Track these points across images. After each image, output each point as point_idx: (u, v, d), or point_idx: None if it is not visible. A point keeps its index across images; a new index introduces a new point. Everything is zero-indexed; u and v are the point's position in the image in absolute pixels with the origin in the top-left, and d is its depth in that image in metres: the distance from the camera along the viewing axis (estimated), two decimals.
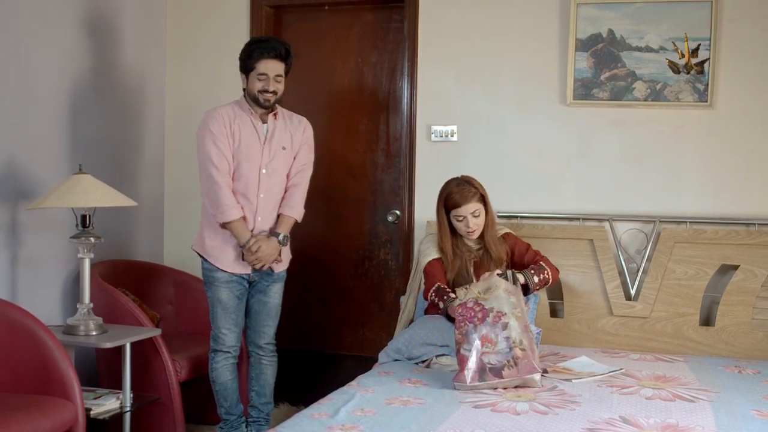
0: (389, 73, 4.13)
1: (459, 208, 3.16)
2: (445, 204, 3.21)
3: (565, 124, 3.77)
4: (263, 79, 3.17)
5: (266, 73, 3.17)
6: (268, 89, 3.17)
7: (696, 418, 2.39)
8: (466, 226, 3.19)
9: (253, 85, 3.18)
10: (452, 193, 3.18)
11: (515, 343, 2.66)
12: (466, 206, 3.16)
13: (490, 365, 2.64)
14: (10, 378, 2.88)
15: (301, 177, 3.34)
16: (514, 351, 2.65)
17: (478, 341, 2.69)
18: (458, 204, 3.16)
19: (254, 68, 3.17)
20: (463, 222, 3.19)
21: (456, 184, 3.20)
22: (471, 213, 3.17)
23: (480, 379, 2.64)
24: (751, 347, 3.39)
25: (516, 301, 2.76)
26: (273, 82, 3.18)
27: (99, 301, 3.44)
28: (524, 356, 2.65)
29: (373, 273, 4.19)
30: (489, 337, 2.69)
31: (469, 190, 3.17)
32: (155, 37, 4.27)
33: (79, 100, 3.70)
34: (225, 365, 3.30)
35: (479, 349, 2.68)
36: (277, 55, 3.18)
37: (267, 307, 3.34)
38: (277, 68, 3.18)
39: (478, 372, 2.65)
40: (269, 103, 3.21)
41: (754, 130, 3.58)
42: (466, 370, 2.65)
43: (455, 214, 3.19)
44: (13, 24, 3.32)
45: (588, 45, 3.70)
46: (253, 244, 3.16)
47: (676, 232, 3.57)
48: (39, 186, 3.44)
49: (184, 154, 4.28)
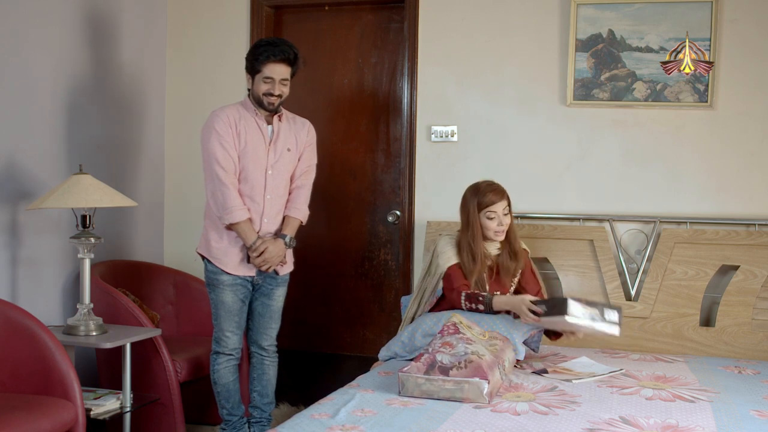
0: (389, 74, 4.13)
1: (494, 204, 3.14)
2: (478, 202, 3.16)
3: (566, 125, 3.77)
4: (269, 82, 3.15)
5: (272, 77, 3.15)
6: (274, 93, 3.16)
7: (696, 418, 2.39)
8: (498, 224, 3.15)
9: (259, 87, 3.17)
10: (486, 191, 3.16)
11: (474, 353, 2.61)
12: (500, 203, 3.15)
13: (440, 364, 2.59)
14: (11, 378, 2.88)
15: (305, 179, 3.35)
16: (470, 356, 2.59)
17: (439, 342, 2.69)
18: (494, 201, 3.14)
19: (261, 71, 3.15)
20: (494, 220, 3.14)
21: (487, 184, 3.19)
22: (502, 210, 3.16)
23: (425, 372, 2.58)
24: (752, 348, 3.39)
25: (500, 346, 2.78)
26: (279, 86, 3.17)
27: (99, 301, 3.44)
28: (478, 362, 2.57)
29: (373, 273, 4.19)
30: (451, 342, 2.69)
31: (500, 188, 3.18)
32: (155, 37, 4.27)
33: (79, 100, 3.70)
34: (227, 367, 3.30)
35: (437, 348, 2.66)
36: (286, 59, 3.16)
37: (270, 310, 3.34)
38: (283, 72, 3.17)
39: (426, 366, 2.60)
40: (273, 107, 3.20)
41: (755, 131, 3.58)
42: (416, 363, 2.62)
43: (489, 210, 3.14)
44: (13, 24, 3.32)
45: (588, 45, 3.70)
46: (260, 245, 3.16)
47: (676, 232, 3.57)
48: (39, 186, 3.44)
49: (184, 154, 4.29)
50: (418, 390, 2.59)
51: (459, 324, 2.81)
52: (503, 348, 2.79)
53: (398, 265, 4.07)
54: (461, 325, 2.81)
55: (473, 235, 3.16)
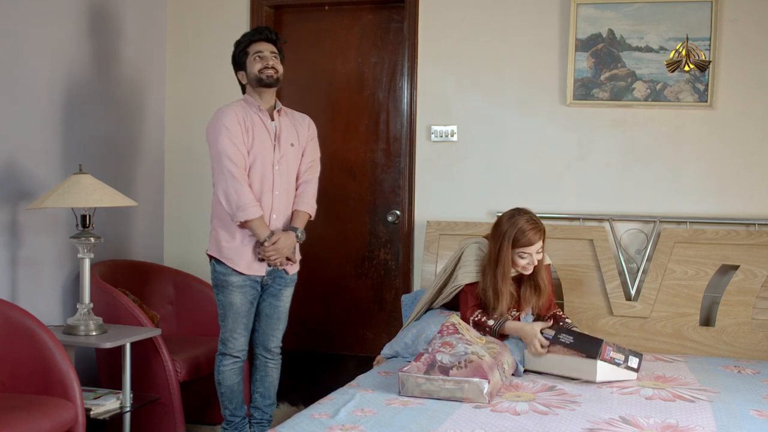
0: (389, 73, 4.13)
1: (531, 246, 2.97)
2: (514, 239, 2.97)
3: (565, 124, 3.77)
4: (260, 58, 3.20)
5: (261, 50, 3.20)
6: (268, 65, 3.20)
7: (696, 418, 2.39)
8: (529, 264, 3.01)
9: (253, 67, 3.20)
10: (525, 231, 2.96)
11: (474, 354, 2.61)
12: (537, 244, 2.99)
13: (440, 363, 2.59)
14: (10, 378, 2.88)
15: (311, 174, 3.36)
16: (469, 356, 2.59)
17: (438, 342, 2.69)
18: (531, 243, 2.97)
19: (248, 52, 3.21)
20: (526, 259, 3.00)
21: (527, 221, 2.99)
22: (537, 250, 3.00)
23: (426, 372, 2.58)
24: (751, 347, 3.39)
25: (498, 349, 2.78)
26: (271, 59, 3.21)
27: (99, 301, 3.44)
28: (479, 362, 2.56)
29: (373, 273, 4.19)
30: (450, 342, 2.69)
31: (539, 228, 2.99)
32: (155, 36, 4.27)
33: (79, 100, 3.70)
34: (233, 369, 3.29)
35: (437, 348, 2.66)
36: (266, 38, 3.24)
37: (278, 311, 3.34)
38: (269, 47, 3.23)
39: (426, 365, 2.60)
40: (272, 79, 3.21)
41: (755, 131, 3.58)
42: (416, 362, 2.62)
43: (522, 251, 2.98)
44: (13, 23, 3.32)
45: (588, 45, 3.70)
46: (273, 237, 3.16)
47: (676, 232, 3.57)
48: (39, 186, 3.44)
49: (184, 154, 4.28)
50: (418, 390, 2.59)
51: (458, 325, 2.81)
52: (501, 351, 2.79)
53: (398, 264, 4.07)
54: (460, 326, 2.82)
55: (502, 274, 3.00)
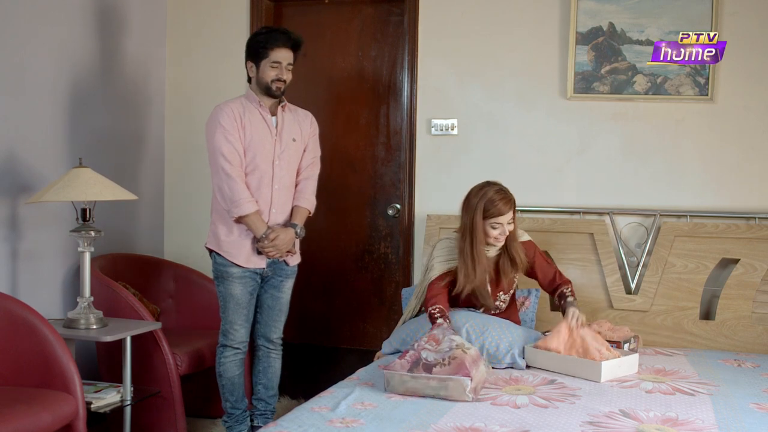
0: (389, 67, 4.13)
1: (502, 216, 3.02)
2: (485, 210, 3.02)
3: (566, 118, 3.77)
4: (276, 67, 3.19)
5: (280, 62, 3.18)
6: (281, 77, 3.19)
7: (696, 411, 2.40)
8: (501, 234, 3.05)
9: (266, 73, 3.19)
10: (495, 201, 3.00)
11: (459, 346, 2.60)
12: (507, 214, 3.03)
13: (425, 361, 2.58)
14: (11, 371, 2.88)
15: (311, 170, 3.37)
16: (454, 351, 2.58)
17: (424, 339, 2.68)
18: (502, 212, 3.01)
19: (268, 56, 3.18)
20: (498, 230, 3.04)
21: (496, 191, 3.03)
22: (508, 220, 3.05)
23: (410, 370, 2.58)
24: (751, 341, 3.39)
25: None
26: (285, 71, 3.21)
27: (99, 294, 3.44)
28: (461, 359, 2.55)
29: (373, 267, 4.19)
30: (437, 337, 2.68)
31: (509, 198, 3.04)
32: (156, 30, 4.26)
33: (80, 93, 3.69)
34: (234, 361, 3.30)
35: (422, 345, 2.65)
36: (291, 45, 3.22)
37: (280, 303, 3.35)
38: (289, 57, 3.21)
39: (410, 363, 2.59)
40: (280, 92, 3.22)
41: (755, 124, 3.58)
42: (400, 360, 2.62)
43: (494, 221, 3.02)
44: (14, 18, 3.31)
45: (588, 38, 3.69)
46: (271, 234, 3.16)
47: (676, 225, 3.57)
48: (39, 180, 3.44)
49: (184, 147, 4.28)
50: (403, 387, 2.58)
51: None
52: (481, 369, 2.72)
53: (398, 258, 4.07)
54: None
55: (476, 243, 3.05)
